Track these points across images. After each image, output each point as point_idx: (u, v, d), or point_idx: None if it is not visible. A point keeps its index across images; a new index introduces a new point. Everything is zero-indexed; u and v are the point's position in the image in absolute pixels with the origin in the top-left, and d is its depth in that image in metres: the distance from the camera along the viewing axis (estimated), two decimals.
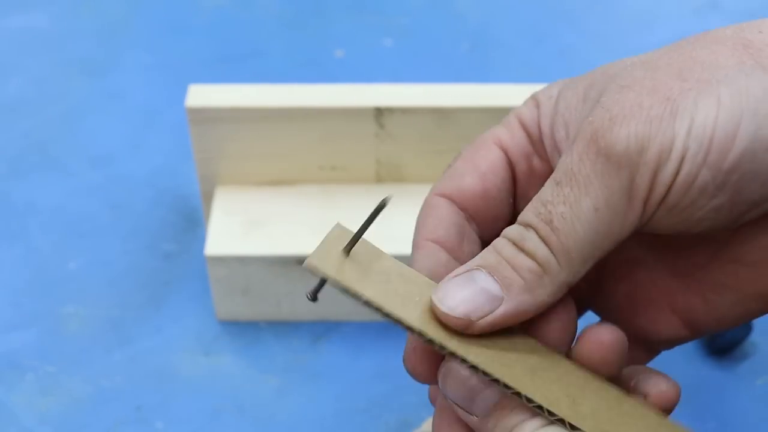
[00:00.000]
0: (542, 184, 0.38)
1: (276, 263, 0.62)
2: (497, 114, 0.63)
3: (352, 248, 0.40)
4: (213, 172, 0.65)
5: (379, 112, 0.62)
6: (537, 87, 0.64)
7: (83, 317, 0.65)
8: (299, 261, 0.61)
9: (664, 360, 0.63)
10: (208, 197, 0.67)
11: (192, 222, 0.71)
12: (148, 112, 0.81)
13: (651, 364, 0.51)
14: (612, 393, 0.38)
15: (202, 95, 0.63)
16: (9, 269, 0.68)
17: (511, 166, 0.43)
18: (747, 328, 0.62)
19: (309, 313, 0.64)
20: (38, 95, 0.83)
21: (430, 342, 0.37)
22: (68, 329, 0.65)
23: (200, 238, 0.70)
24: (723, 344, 0.62)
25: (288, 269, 0.62)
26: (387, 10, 0.93)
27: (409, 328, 0.37)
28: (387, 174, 0.66)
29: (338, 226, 0.39)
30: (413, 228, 0.62)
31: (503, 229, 0.38)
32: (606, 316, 0.43)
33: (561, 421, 0.36)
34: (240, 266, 0.62)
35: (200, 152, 0.64)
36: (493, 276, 0.37)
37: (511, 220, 0.40)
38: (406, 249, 0.62)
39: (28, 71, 0.85)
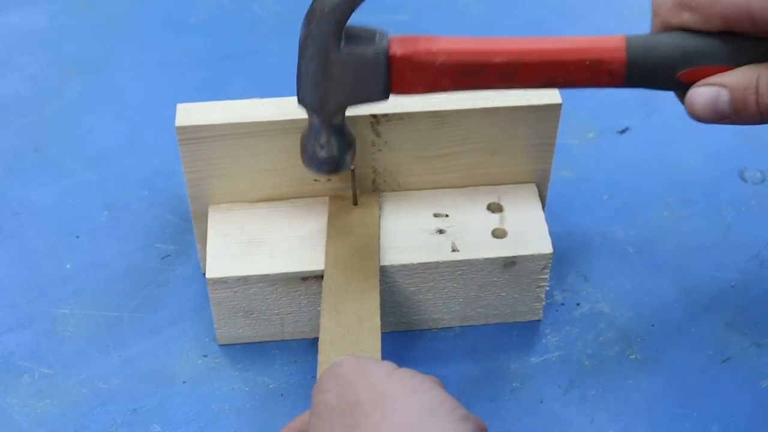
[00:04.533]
0: None
1: (279, 281, 0.60)
2: (494, 115, 0.62)
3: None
4: (205, 191, 0.64)
5: (376, 120, 0.61)
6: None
7: (79, 318, 0.65)
8: (303, 278, 0.60)
9: (670, 360, 0.63)
10: (199, 217, 0.65)
11: (189, 222, 0.71)
12: (144, 111, 0.80)
13: (653, 359, 0.51)
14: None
15: (191, 114, 0.61)
16: (4, 270, 0.68)
17: None
18: None
19: (311, 331, 0.63)
20: (34, 93, 0.82)
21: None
22: (64, 331, 0.64)
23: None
24: None
25: (291, 287, 0.61)
26: (386, 7, 0.92)
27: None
28: (383, 182, 0.65)
29: None
30: (416, 237, 0.62)
31: None
32: None
33: None
34: (242, 287, 0.60)
35: (191, 172, 0.62)
36: None
37: None
38: (405, 258, 0.61)
39: (24, 69, 0.84)
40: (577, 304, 0.66)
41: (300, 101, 0.55)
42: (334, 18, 0.52)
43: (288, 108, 0.61)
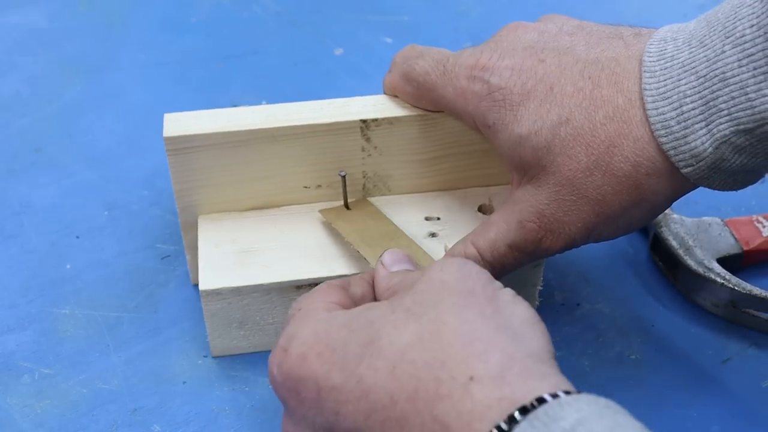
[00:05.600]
0: None
1: (273, 291, 0.60)
2: None
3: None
4: (194, 201, 0.63)
5: (365, 125, 0.61)
6: None
7: (79, 319, 0.65)
8: (297, 286, 0.60)
9: (670, 361, 0.63)
10: (189, 227, 0.64)
11: None
12: (144, 111, 0.80)
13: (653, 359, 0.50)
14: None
15: (179, 123, 0.60)
16: (4, 270, 0.68)
17: None
18: None
19: None
20: (34, 94, 0.82)
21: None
22: (64, 331, 0.64)
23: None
24: None
25: (286, 295, 0.60)
26: (386, 8, 0.92)
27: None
28: (374, 187, 0.65)
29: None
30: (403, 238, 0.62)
31: None
32: None
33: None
34: (236, 298, 0.60)
35: (180, 182, 0.62)
36: None
37: None
38: None
39: (24, 69, 0.85)
40: (577, 304, 0.66)
41: None
42: None
43: (277, 115, 0.61)
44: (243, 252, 0.61)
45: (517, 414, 0.39)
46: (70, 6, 0.91)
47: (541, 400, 0.39)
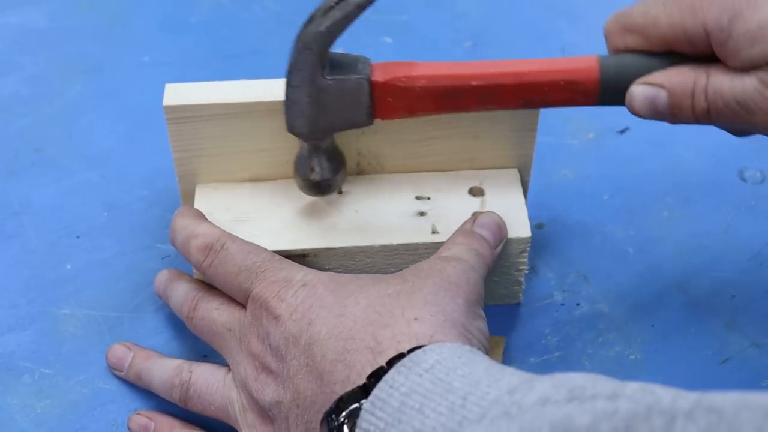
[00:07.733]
0: None
1: None
2: None
3: None
4: (192, 170, 0.65)
5: None
6: None
7: (80, 319, 0.65)
8: (285, 257, 0.60)
9: (670, 361, 0.63)
10: (187, 196, 0.66)
11: None
12: (144, 111, 0.80)
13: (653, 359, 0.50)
14: None
15: (179, 93, 0.62)
16: (4, 270, 0.68)
17: None
18: None
19: None
20: (34, 94, 0.82)
21: None
22: (64, 331, 0.64)
23: None
24: None
25: None
26: (386, 7, 0.92)
27: None
28: (367, 165, 0.66)
29: None
30: (397, 219, 0.62)
31: None
32: None
33: None
34: None
35: (179, 151, 0.64)
36: None
37: None
38: (385, 239, 0.61)
39: (24, 69, 0.84)
40: (577, 304, 0.66)
41: (289, 129, 0.59)
42: (317, 48, 0.55)
43: (274, 89, 0.62)
44: (234, 220, 0.63)
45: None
46: (70, 6, 0.91)
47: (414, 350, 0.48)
